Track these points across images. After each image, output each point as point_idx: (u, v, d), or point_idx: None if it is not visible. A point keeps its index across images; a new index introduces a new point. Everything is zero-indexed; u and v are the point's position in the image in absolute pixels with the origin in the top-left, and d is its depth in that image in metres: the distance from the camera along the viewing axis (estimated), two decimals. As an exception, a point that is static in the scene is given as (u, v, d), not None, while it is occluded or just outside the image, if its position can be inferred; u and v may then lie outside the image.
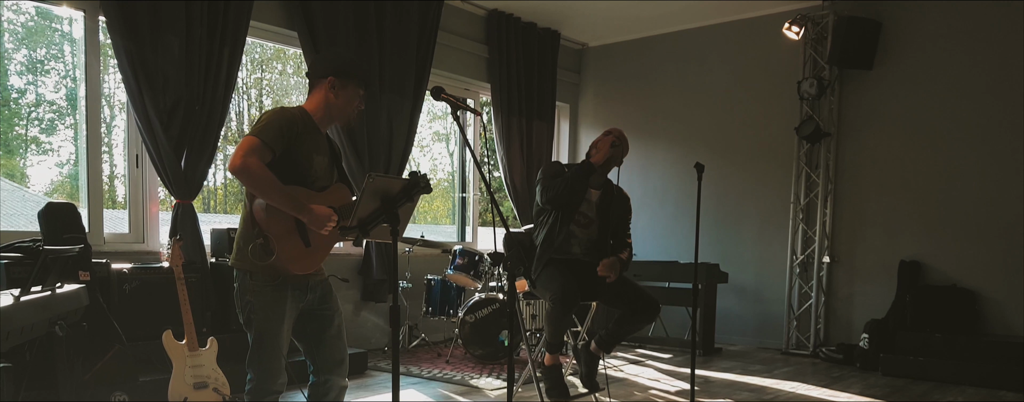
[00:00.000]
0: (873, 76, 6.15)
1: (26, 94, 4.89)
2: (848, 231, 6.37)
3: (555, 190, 4.01)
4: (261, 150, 2.44)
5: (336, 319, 2.80)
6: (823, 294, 6.42)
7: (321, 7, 5.32)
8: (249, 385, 2.66)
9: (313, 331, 2.77)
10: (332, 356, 2.79)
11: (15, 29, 4.88)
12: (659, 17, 6.94)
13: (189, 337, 3.69)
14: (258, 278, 2.60)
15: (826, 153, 6.37)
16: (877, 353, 5.66)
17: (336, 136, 5.51)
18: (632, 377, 5.26)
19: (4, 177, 5.00)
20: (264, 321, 2.60)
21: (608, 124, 7.73)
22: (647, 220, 7.40)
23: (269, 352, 2.61)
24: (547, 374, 3.96)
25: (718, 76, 6.99)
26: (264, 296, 2.59)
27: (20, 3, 4.52)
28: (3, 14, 4.68)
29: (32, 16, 4.48)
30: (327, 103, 2.65)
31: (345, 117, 2.70)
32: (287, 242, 2.54)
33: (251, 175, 2.41)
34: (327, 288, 2.80)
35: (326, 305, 2.78)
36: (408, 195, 2.32)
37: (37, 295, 2.63)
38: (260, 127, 2.50)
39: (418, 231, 5.91)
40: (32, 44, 4.60)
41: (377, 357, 5.61)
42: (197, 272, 4.49)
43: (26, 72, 4.81)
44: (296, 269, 2.58)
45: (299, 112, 2.62)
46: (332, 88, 2.64)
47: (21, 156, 5.08)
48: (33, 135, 4.90)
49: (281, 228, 2.52)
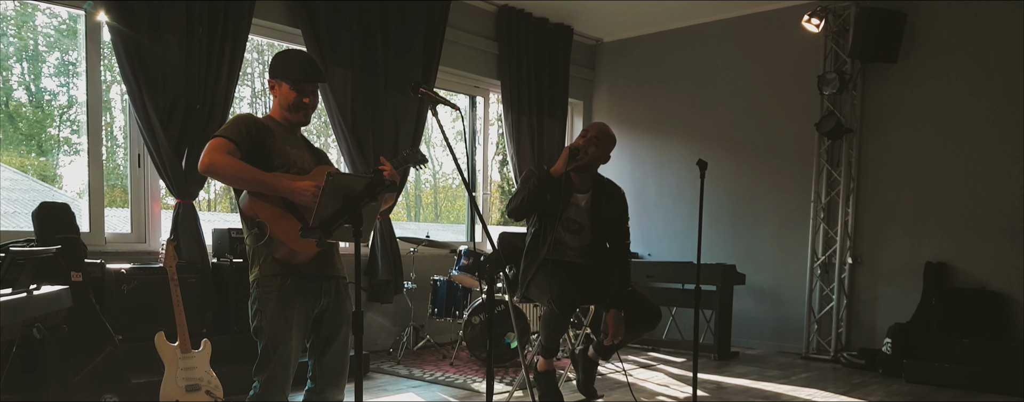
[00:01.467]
0: (897, 70, 5.93)
1: (58, 96, 4.92)
2: (871, 231, 6.15)
3: (514, 203, 3.84)
4: (227, 147, 2.47)
5: (344, 328, 2.74)
6: (845, 297, 6.21)
7: (324, 4, 5.25)
8: (252, 391, 2.63)
9: (321, 338, 2.72)
10: (334, 367, 2.74)
11: (48, 32, 4.93)
12: (675, 11, 6.77)
13: (182, 338, 3.63)
14: (266, 284, 2.56)
15: (848, 150, 6.16)
16: (900, 359, 5.45)
17: (340, 132, 5.46)
18: (640, 382, 5.11)
19: (37, 178, 5.04)
20: (273, 331, 2.57)
21: (623, 121, 7.61)
22: (663, 219, 7.24)
23: (277, 362, 2.57)
24: (541, 380, 3.82)
25: (736, 71, 6.80)
26: (272, 305, 2.56)
27: (47, 5, 4.54)
28: (37, 19, 4.80)
29: (64, 20, 4.50)
30: (276, 105, 2.71)
31: (295, 116, 2.69)
32: (282, 223, 2.52)
33: (218, 170, 2.44)
34: (341, 292, 2.75)
35: (339, 312, 2.73)
36: (371, 194, 2.23)
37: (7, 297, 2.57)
38: (224, 128, 2.55)
39: (424, 231, 5.81)
40: (65, 47, 4.62)
41: (381, 359, 5.54)
42: (197, 272, 4.45)
43: (58, 74, 4.84)
44: (297, 246, 2.53)
45: (265, 117, 2.71)
46: (272, 90, 2.70)
47: (53, 157, 5.11)
48: (65, 136, 4.92)
49: (272, 211, 2.52)
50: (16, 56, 4.95)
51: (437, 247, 5.62)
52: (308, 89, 2.68)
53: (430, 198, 8.00)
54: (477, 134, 7.06)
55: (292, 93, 2.65)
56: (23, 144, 5.12)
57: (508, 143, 6.81)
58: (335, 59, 5.35)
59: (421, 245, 5.53)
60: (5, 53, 4.80)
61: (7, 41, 4.83)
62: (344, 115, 5.43)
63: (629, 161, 7.52)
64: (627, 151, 7.56)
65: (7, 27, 4.85)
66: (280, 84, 2.66)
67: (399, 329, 5.90)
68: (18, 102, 5.03)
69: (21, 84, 5.03)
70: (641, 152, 7.47)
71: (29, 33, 4.98)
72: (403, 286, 5.72)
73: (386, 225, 5.73)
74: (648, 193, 7.39)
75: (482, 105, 7.06)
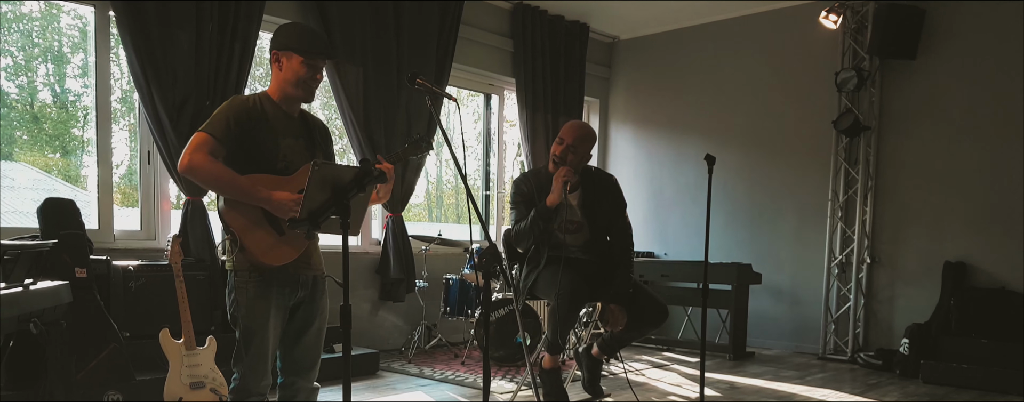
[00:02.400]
0: (917, 66, 5.81)
1: (82, 98, 4.98)
2: (890, 230, 6.03)
3: (522, 236, 3.76)
4: (210, 145, 2.40)
5: (317, 321, 2.70)
6: (862, 296, 6.10)
7: (336, 1, 5.25)
8: (233, 383, 2.60)
9: (292, 330, 2.68)
10: (304, 358, 2.70)
11: (72, 34, 4.98)
12: (693, 8, 6.69)
13: (186, 336, 3.64)
14: (242, 275, 2.53)
15: (866, 147, 6.05)
16: (918, 359, 5.34)
17: (351, 129, 5.45)
18: (652, 381, 5.05)
19: (62, 178, 5.10)
20: (248, 319, 2.54)
21: (640, 119, 7.55)
22: (679, 218, 7.17)
23: (254, 351, 2.54)
24: (546, 377, 3.78)
25: (753, 68, 6.71)
26: (248, 294, 2.52)
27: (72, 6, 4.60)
28: (62, 20, 4.86)
29: (87, 22, 4.55)
30: (277, 80, 2.58)
31: (298, 93, 2.58)
32: (255, 233, 2.47)
33: (197, 173, 2.39)
34: (319, 288, 2.71)
35: (313, 305, 2.69)
36: (359, 185, 2.19)
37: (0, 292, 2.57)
38: (209, 121, 2.46)
39: (436, 229, 5.80)
40: (88, 48, 4.68)
41: (392, 357, 5.53)
42: (206, 270, 4.47)
43: (82, 76, 4.90)
44: (270, 260, 2.50)
45: (256, 97, 2.57)
46: (276, 62, 2.56)
47: (77, 157, 5.17)
48: (89, 137, 4.97)
49: (245, 220, 2.46)
50: (41, 57, 5.02)
51: (449, 246, 5.60)
52: (319, 64, 2.56)
53: (451, 199, 7.98)
54: (492, 132, 7.03)
55: (302, 68, 2.52)
56: (47, 145, 5.18)
57: (523, 141, 6.78)
58: (348, 55, 5.34)
59: (433, 243, 5.52)
60: (30, 54, 4.88)
61: (32, 42, 4.91)
62: (356, 112, 5.43)
63: (645, 159, 7.46)
64: (643, 149, 7.50)
65: (32, 28, 4.92)
66: (289, 56, 2.53)
67: (411, 328, 5.89)
68: (43, 103, 5.09)
69: (46, 85, 5.10)
70: (657, 150, 7.40)
71: (54, 35, 5.04)
72: (415, 285, 5.71)
73: (399, 223, 5.73)
74: (664, 191, 7.32)
75: (497, 103, 7.03)
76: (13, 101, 4.85)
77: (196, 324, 3.68)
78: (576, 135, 3.76)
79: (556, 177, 3.69)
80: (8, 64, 4.79)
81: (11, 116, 4.87)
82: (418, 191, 6.53)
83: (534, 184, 3.83)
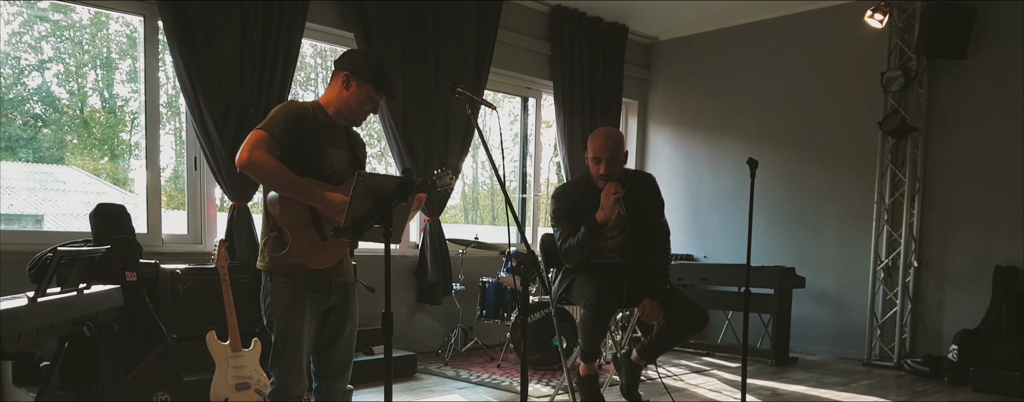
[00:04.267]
0: (966, 66, 5.67)
1: (130, 102, 5.11)
2: (938, 233, 5.90)
3: (574, 253, 3.77)
4: (268, 143, 2.45)
5: (349, 325, 2.77)
6: (909, 301, 5.98)
7: (376, 7, 5.30)
8: (272, 386, 2.67)
9: (326, 335, 2.74)
10: (338, 361, 2.76)
11: (120, 40, 5.11)
12: (733, 8, 6.62)
13: (232, 338, 3.72)
14: (277, 279, 2.59)
15: (913, 149, 5.93)
16: (967, 366, 5.22)
17: (391, 135, 5.51)
18: (692, 387, 5.01)
19: (110, 181, 5.24)
20: (285, 323, 2.60)
21: (679, 120, 7.48)
22: (719, 221, 7.10)
23: (290, 354, 2.60)
24: (583, 384, 3.77)
25: (795, 69, 6.62)
26: (284, 298, 2.58)
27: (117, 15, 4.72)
28: (110, 27, 5.00)
29: (136, 28, 4.67)
30: (339, 98, 2.64)
31: (353, 116, 2.67)
32: (302, 234, 2.53)
33: (257, 168, 2.43)
34: (350, 293, 2.77)
35: (345, 310, 2.75)
36: (401, 194, 2.22)
37: (56, 296, 2.65)
38: (267, 120, 2.52)
39: (473, 231, 5.82)
40: (137, 54, 4.80)
41: (429, 360, 5.57)
42: (251, 273, 4.54)
43: (130, 81, 5.02)
44: (311, 262, 2.56)
45: (311, 106, 2.64)
46: (345, 83, 2.63)
47: (125, 161, 5.31)
48: (136, 141, 5.10)
49: (295, 220, 2.52)
50: (91, 63, 5.16)
51: (485, 249, 5.62)
52: (380, 99, 2.69)
53: (487, 201, 8.00)
54: (529, 135, 7.04)
55: (368, 100, 2.64)
56: (96, 148, 5.32)
57: (559, 143, 6.77)
58: (387, 61, 5.37)
59: (470, 247, 5.54)
60: (81, 61, 5.01)
61: (82, 49, 5.04)
62: (395, 118, 5.48)
63: (684, 161, 7.40)
64: (682, 151, 7.44)
65: (82, 35, 5.06)
66: (360, 84, 2.61)
67: (447, 330, 5.93)
68: (92, 108, 5.23)
69: (95, 90, 5.23)
70: (697, 152, 7.34)
71: (103, 41, 5.18)
72: (452, 288, 5.75)
73: (436, 227, 5.77)
74: (703, 194, 7.25)
75: (534, 106, 7.04)
76: (64, 106, 5.00)
77: (241, 326, 3.75)
78: (610, 147, 3.75)
79: (605, 194, 3.70)
80: (59, 70, 4.93)
81: (62, 121, 5.01)
82: (455, 194, 6.57)
83: (574, 197, 3.84)
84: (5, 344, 2.32)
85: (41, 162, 5.05)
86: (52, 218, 5.07)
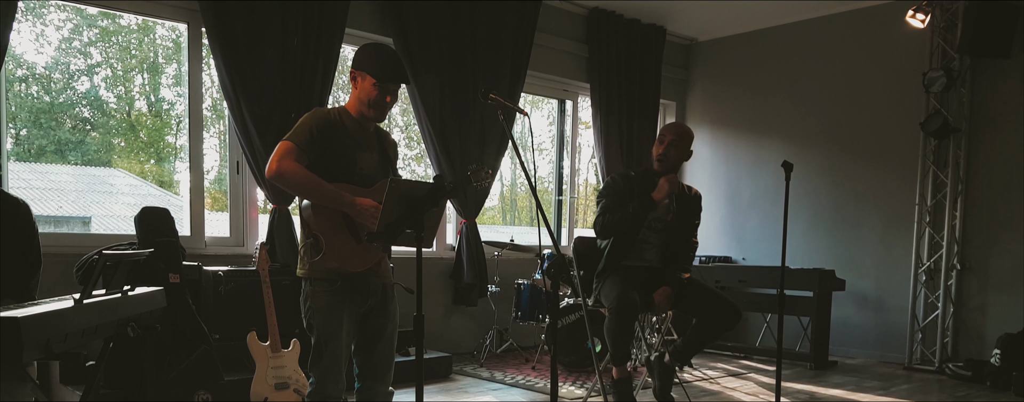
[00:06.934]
0: (1011, 65, 5.56)
1: (176, 106, 5.25)
2: (981, 235, 5.79)
3: (615, 227, 3.87)
4: (295, 153, 2.51)
5: (389, 327, 2.81)
6: (952, 304, 5.87)
7: (414, 12, 5.36)
8: (310, 387, 2.73)
9: (367, 337, 2.79)
10: (380, 363, 2.81)
11: (166, 45, 5.25)
12: (772, 9, 6.55)
13: (272, 338, 3.80)
14: (316, 284, 2.65)
15: (956, 150, 5.83)
16: (1010, 371, 5.11)
17: (429, 139, 5.56)
18: (727, 390, 4.99)
19: (156, 184, 5.38)
20: (323, 326, 2.65)
21: (718, 121, 7.44)
22: (758, 222, 7.04)
23: (328, 357, 2.66)
24: (615, 387, 3.79)
25: (835, 69, 6.53)
26: (322, 302, 2.64)
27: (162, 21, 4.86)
28: (157, 31, 5.14)
29: (181, 33, 4.79)
30: (354, 97, 2.69)
31: (371, 111, 2.67)
32: (336, 238, 2.58)
33: (286, 178, 2.50)
34: (389, 295, 2.81)
35: (384, 313, 2.79)
36: (433, 200, 2.27)
37: (101, 298, 2.74)
38: (293, 131, 2.58)
39: (510, 233, 5.86)
40: (182, 58, 4.93)
41: (465, 361, 5.62)
42: (291, 275, 4.63)
43: (175, 85, 5.16)
44: (348, 265, 2.61)
45: (337, 111, 2.70)
46: (354, 81, 2.68)
47: (170, 164, 5.45)
48: (181, 144, 5.23)
49: (328, 225, 2.57)
50: (137, 68, 5.30)
51: (521, 251, 5.65)
52: (392, 88, 2.66)
53: (525, 202, 8.04)
54: (565, 137, 7.05)
55: (374, 90, 2.62)
56: (143, 151, 5.46)
57: (596, 145, 6.77)
58: (425, 65, 5.45)
59: (506, 249, 5.58)
60: (128, 65, 5.16)
61: (130, 54, 5.19)
62: (433, 121, 5.54)
63: (723, 162, 7.35)
64: (721, 152, 7.39)
65: (129, 40, 5.20)
66: (364, 77, 2.63)
67: (483, 332, 5.98)
68: (139, 112, 5.37)
69: (142, 94, 5.37)
70: (735, 153, 7.28)
71: (149, 46, 5.32)
72: (487, 289, 5.79)
73: (472, 229, 5.81)
74: (742, 195, 7.20)
75: (571, 108, 7.05)
76: (112, 110, 5.14)
77: (281, 327, 3.83)
78: (677, 132, 3.96)
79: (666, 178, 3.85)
80: (107, 74, 5.08)
81: (110, 124, 5.15)
82: (492, 194, 6.61)
83: (632, 180, 3.97)
84: (53, 344, 2.42)
85: (89, 165, 5.20)
86: (99, 220, 5.22)
